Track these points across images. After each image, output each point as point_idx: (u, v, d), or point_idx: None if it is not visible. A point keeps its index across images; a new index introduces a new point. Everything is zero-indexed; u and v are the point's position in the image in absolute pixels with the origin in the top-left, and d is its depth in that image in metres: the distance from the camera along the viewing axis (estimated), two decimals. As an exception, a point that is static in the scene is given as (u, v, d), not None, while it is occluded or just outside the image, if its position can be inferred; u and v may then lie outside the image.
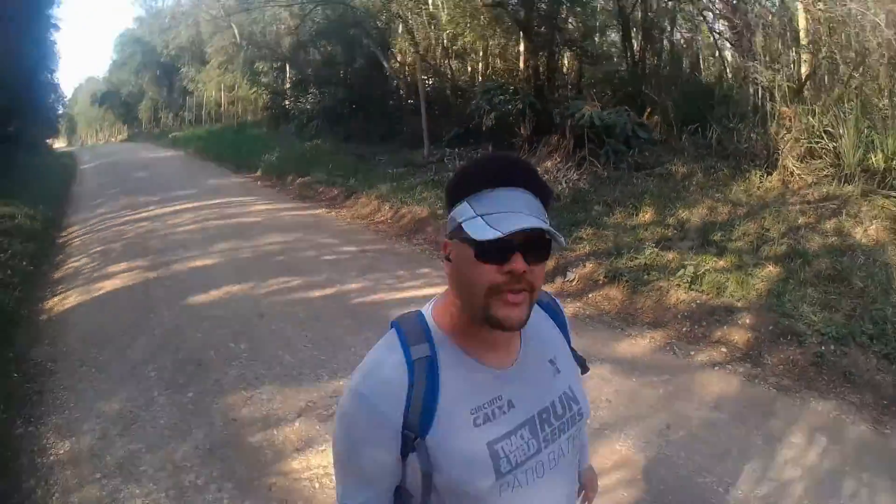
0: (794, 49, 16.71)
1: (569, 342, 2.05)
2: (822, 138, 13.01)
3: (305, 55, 29.91)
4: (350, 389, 1.73)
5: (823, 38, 15.96)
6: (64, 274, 11.90)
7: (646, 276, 10.19)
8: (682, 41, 19.97)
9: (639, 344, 8.08)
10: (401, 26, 24.59)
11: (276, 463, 5.16)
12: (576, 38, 20.27)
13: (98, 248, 13.64)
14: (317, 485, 4.89)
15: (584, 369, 2.07)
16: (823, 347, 8.03)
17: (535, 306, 1.88)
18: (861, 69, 14.90)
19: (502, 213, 1.60)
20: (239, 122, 44.69)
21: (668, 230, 11.85)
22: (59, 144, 61.82)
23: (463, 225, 1.62)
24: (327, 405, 6.04)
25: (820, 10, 15.67)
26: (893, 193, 11.44)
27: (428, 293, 9.11)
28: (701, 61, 19.42)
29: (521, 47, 20.62)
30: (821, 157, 13.14)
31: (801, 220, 10.85)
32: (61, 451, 5.61)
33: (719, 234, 11.25)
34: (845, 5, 15.42)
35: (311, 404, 6.07)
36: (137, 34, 71.70)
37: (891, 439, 6.09)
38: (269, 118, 36.68)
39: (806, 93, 14.54)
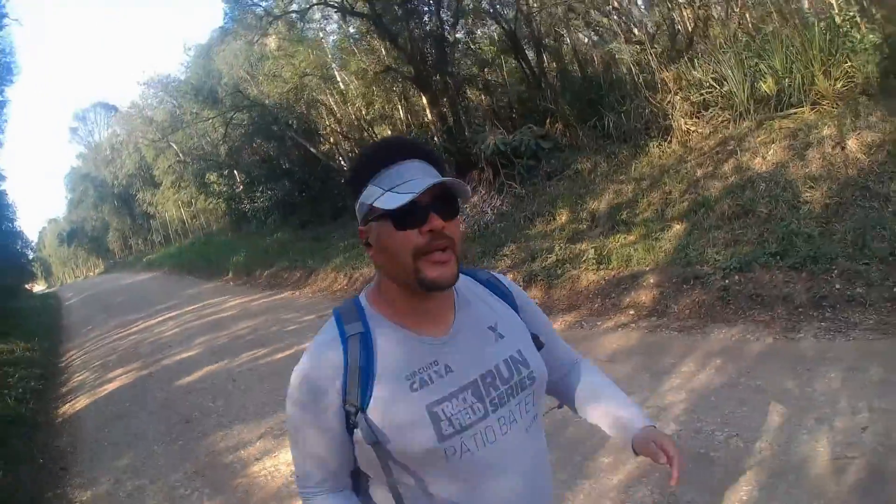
0: (672, 10, 18.04)
1: (517, 312, 2.11)
2: (713, 87, 14.03)
3: (247, 156, 31.26)
4: (294, 372, 1.87)
5: None
6: (70, 387, 13.65)
7: (558, 271, 11.54)
8: (571, 47, 21.30)
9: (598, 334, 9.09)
10: (322, 109, 26.56)
11: (242, 470, 6.89)
12: (471, 75, 21.97)
13: (97, 363, 15.37)
14: (269, 478, 6.56)
15: (538, 345, 2.11)
16: (727, 280, 9.06)
17: (473, 280, 2.10)
18: (729, 4, 16.86)
19: (406, 183, 1.74)
20: (205, 233, 46.52)
21: (582, 224, 13.12)
22: (38, 287, 63.09)
23: (375, 203, 1.75)
24: (279, 426, 7.80)
25: None
26: (790, 112, 12.51)
27: None
28: (593, 60, 20.29)
29: (424, 100, 22.01)
30: (712, 105, 14.14)
31: (699, 172, 11.82)
32: (84, 497, 7.30)
33: (625, 213, 12.47)
34: None
35: (268, 430, 7.84)
36: (84, 171, 73.97)
37: (800, 343, 7.05)
38: (230, 223, 38.38)
39: (694, 49, 15.70)
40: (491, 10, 21.39)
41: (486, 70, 23.07)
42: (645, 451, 2.02)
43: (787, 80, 12.88)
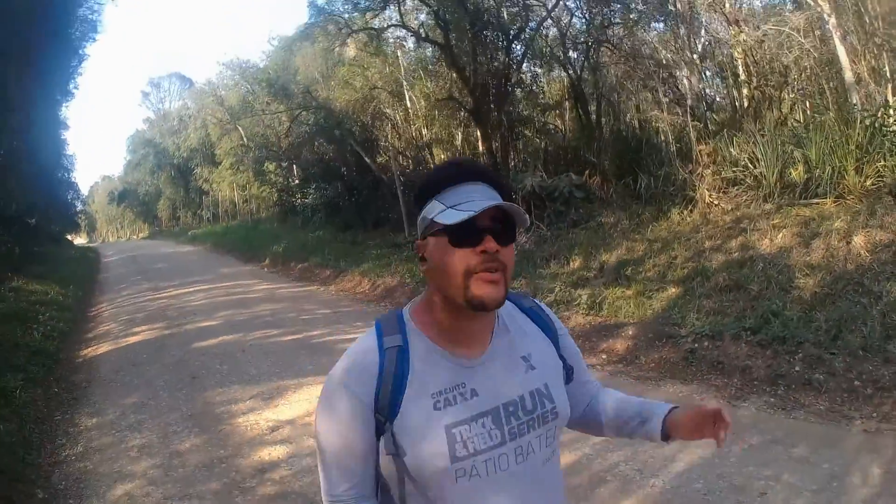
0: (727, 86, 19.16)
1: (557, 348, 2.11)
2: (748, 165, 14.56)
3: (307, 154, 31.98)
4: (329, 377, 1.90)
5: (751, 67, 18.20)
6: (95, 334, 14.99)
7: (553, 309, 12.24)
8: (622, 107, 22.22)
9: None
10: (386, 122, 27.47)
11: (228, 419, 8.04)
12: (526, 117, 22.82)
13: (125, 318, 16.72)
14: (248, 428, 7.69)
15: (568, 379, 2.14)
16: (696, 344, 9.53)
17: (515, 308, 2.10)
18: (783, 90, 17.43)
19: (468, 202, 1.78)
20: (253, 219, 47.37)
21: (590, 272, 13.71)
22: (79, 240, 63.65)
23: (435, 219, 1.81)
24: (270, 391, 9.00)
25: (744, 40, 17.58)
26: (812, 201, 12.93)
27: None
28: (641, 123, 21.15)
29: (478, 132, 22.92)
30: (740, 184, 14.67)
31: (707, 244, 12.27)
32: (89, 423, 8.46)
33: (630, 269, 13.01)
34: (758, 28, 17.97)
35: (259, 393, 8.96)
36: (148, 136, 74.76)
37: (741, 410, 7.47)
38: (278, 213, 39.18)
39: (743, 125, 16.04)
40: (560, 57, 22.30)
41: (546, 113, 23.90)
42: (683, 423, 2.06)
43: (818, 170, 13.36)
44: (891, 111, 13.78)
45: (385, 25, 23.01)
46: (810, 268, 10.53)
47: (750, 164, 14.45)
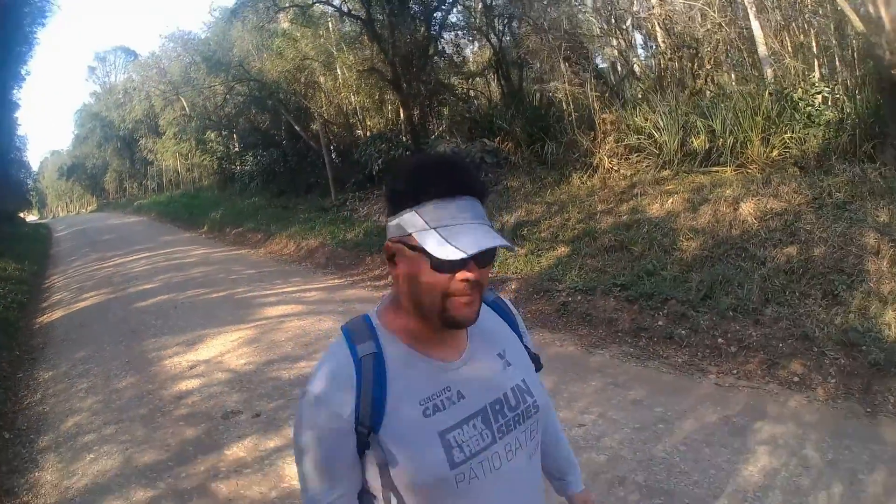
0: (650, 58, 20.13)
1: (521, 338, 2.15)
2: (652, 134, 15.21)
3: (243, 123, 33.28)
4: (303, 392, 1.86)
5: (665, 40, 18.79)
6: (50, 303, 16.81)
7: None
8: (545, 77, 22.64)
9: None
10: (318, 93, 28.65)
11: (158, 362, 9.85)
12: (447, 85, 24.33)
13: (75, 286, 18.59)
14: (173, 367, 9.47)
15: (538, 367, 2.15)
16: (570, 298, 10.35)
17: (484, 308, 2.03)
18: (694, 62, 17.88)
19: (456, 226, 1.71)
20: (195, 187, 48.86)
21: (511, 230, 14.50)
22: (31, 217, 64.06)
23: (415, 236, 1.73)
24: (193, 339, 10.83)
25: (657, 13, 18.32)
26: (712, 169, 13.58)
27: (289, 290, 14.32)
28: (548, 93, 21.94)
29: (399, 103, 24.43)
30: (642, 151, 15.34)
31: (600, 207, 12.93)
32: (46, 376, 10.09)
33: (526, 229, 13.97)
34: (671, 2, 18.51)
35: (184, 340, 10.83)
36: (95, 109, 75.11)
37: (594, 356, 8.27)
38: (219, 181, 40.52)
39: (649, 96, 16.76)
40: (483, 28, 23.58)
41: (470, 81, 25.46)
42: None
43: (721, 140, 13.97)
44: (802, 84, 14.77)
45: (310, 2, 24.23)
46: (695, 232, 11.18)
47: (655, 133, 15.15)
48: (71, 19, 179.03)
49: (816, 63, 16.76)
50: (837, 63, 16.94)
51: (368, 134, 26.09)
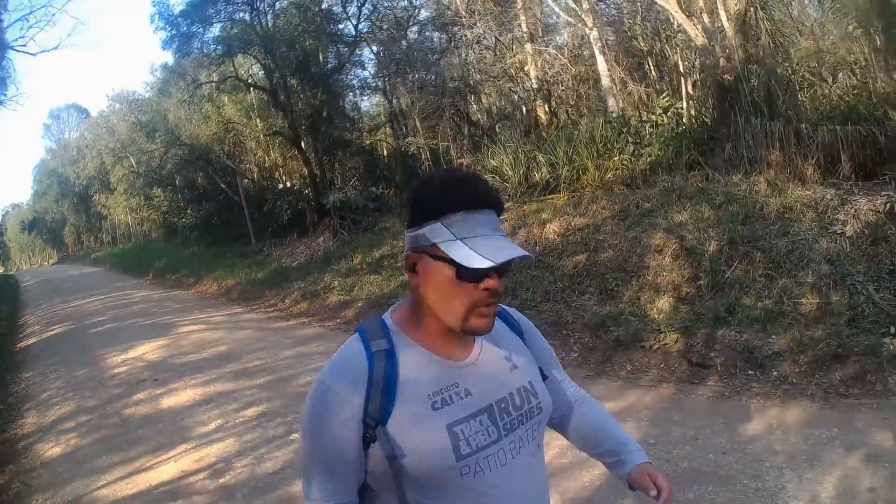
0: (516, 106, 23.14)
1: (525, 345, 2.30)
2: (501, 172, 17.23)
3: (181, 180, 37.08)
4: (316, 383, 1.99)
5: (516, 86, 22.54)
6: (25, 333, 21.69)
7: (322, 293, 17.68)
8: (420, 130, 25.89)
9: (305, 329, 15.40)
10: (243, 151, 32.89)
11: (102, 360, 14.51)
12: (345, 140, 27.90)
13: (44, 321, 23.75)
14: (112, 362, 14.08)
15: (543, 377, 2.27)
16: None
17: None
18: (536, 101, 21.10)
19: (481, 237, 1.87)
20: (145, 239, 52.66)
21: (362, 265, 18.51)
22: None
23: (441, 246, 1.87)
24: (126, 347, 15.34)
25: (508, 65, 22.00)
26: (548, 198, 15.57)
27: (201, 316, 19.07)
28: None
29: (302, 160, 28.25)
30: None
31: None
32: (26, 375, 14.33)
33: (387, 261, 17.52)
34: (516, 54, 22.29)
35: (122, 348, 15.36)
36: (51, 165, 78.89)
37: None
38: (164, 233, 44.53)
39: (494, 137, 19.81)
40: (380, 88, 28.23)
41: (370, 134, 29.53)
42: (639, 484, 2.26)
43: (562, 169, 15.85)
44: (641, 108, 17.41)
45: (223, 78, 28.58)
46: None
47: (505, 171, 17.31)
48: (29, 76, 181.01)
49: (665, 84, 19.65)
50: (682, 82, 19.25)
51: (280, 188, 30.22)
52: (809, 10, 18.31)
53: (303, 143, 27.64)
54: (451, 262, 1.87)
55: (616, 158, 15.48)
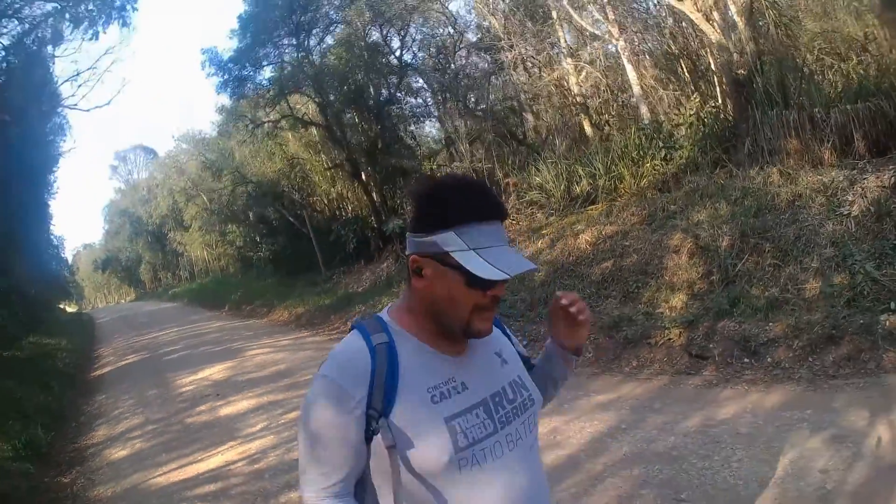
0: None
1: (512, 343, 2.43)
2: (543, 187, 17.88)
3: (252, 216, 37.92)
4: (317, 376, 2.04)
5: (553, 103, 22.73)
6: (100, 364, 23.25)
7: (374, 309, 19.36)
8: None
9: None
10: (308, 184, 33.91)
11: (173, 382, 15.99)
12: (403, 168, 27.79)
13: (119, 353, 25.24)
14: (182, 383, 15.52)
15: (529, 367, 2.42)
16: None
17: None
18: (578, 115, 21.65)
19: (493, 248, 1.95)
20: (223, 273, 53.81)
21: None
22: (70, 308, 67.90)
23: (454, 255, 1.93)
24: (196, 370, 16.72)
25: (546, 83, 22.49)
26: (588, 209, 15.92)
27: (268, 341, 20.12)
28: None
29: (361, 190, 29.74)
30: (534, 204, 18.13)
31: None
32: (100, 398, 15.89)
33: None
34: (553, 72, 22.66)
35: (190, 370, 16.78)
36: (122, 206, 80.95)
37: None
38: (240, 267, 45.80)
39: (540, 153, 20.07)
40: (436, 115, 29.33)
41: (430, 160, 29.09)
42: (559, 331, 2.46)
43: (601, 181, 16.31)
44: (672, 112, 17.53)
45: (280, 117, 29.75)
46: (544, 263, 13.74)
47: (548, 186, 17.90)
48: (92, 119, 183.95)
49: (702, 84, 19.23)
50: (716, 81, 18.57)
51: (346, 217, 31.08)
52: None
53: (363, 174, 28.70)
54: (461, 269, 1.93)
55: (648, 165, 15.88)
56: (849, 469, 5.48)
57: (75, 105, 29.04)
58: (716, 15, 15.30)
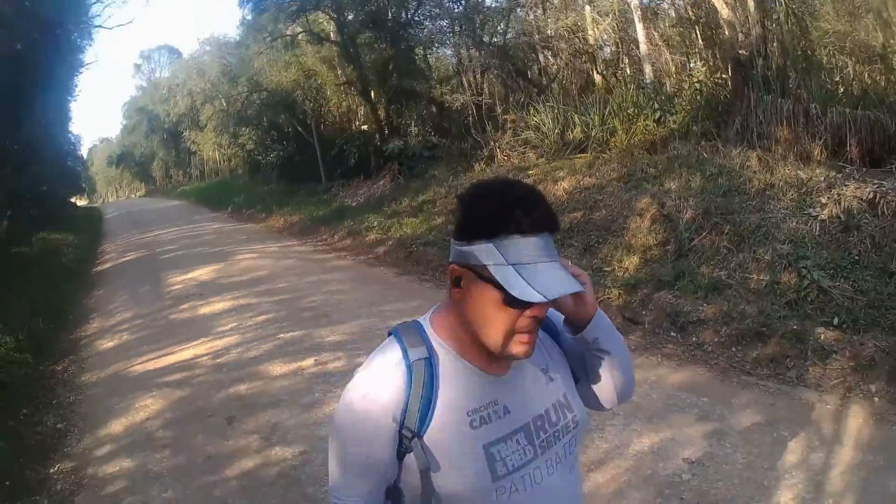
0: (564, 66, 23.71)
1: (560, 345, 2.23)
2: (538, 129, 18.45)
3: (265, 121, 38.10)
4: (350, 388, 1.94)
5: (565, 47, 22.80)
6: (102, 260, 24.55)
7: (364, 231, 19.22)
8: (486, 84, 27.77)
9: (338, 261, 17.14)
10: (321, 98, 33.95)
11: (165, 280, 17.23)
12: (412, 91, 28.13)
13: (121, 249, 26.55)
14: (173, 281, 16.67)
15: (576, 380, 2.23)
16: (417, 248, 15.22)
17: None
18: (588, 62, 22.11)
19: (534, 265, 1.80)
20: (231, 175, 54.66)
21: (406, 209, 19.62)
22: (81, 202, 68.01)
23: (492, 269, 1.80)
24: (188, 270, 17.72)
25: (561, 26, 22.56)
26: (578, 156, 16.46)
27: (258, 247, 21.16)
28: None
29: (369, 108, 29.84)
30: (527, 143, 18.78)
31: None
32: (99, 292, 17.45)
33: (427, 206, 18.64)
34: (567, 17, 22.82)
35: (183, 271, 17.76)
36: (141, 103, 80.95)
37: (412, 283, 13.35)
38: (249, 171, 46.44)
39: (546, 95, 20.21)
40: (451, 43, 29.36)
41: (441, 85, 29.84)
42: (566, 309, 2.08)
43: (594, 130, 16.95)
44: (673, 76, 18.04)
45: (297, 32, 30.72)
46: None
47: (544, 129, 18.46)
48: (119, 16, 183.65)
49: (701, 57, 19.73)
50: (707, 54, 19.59)
51: (354, 132, 31.81)
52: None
53: (372, 93, 28.88)
54: (498, 286, 1.81)
55: (641, 123, 16.18)
56: (712, 466, 5.62)
57: (101, 24, 29.47)
58: (728, -2, 15.37)
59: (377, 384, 1.90)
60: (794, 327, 8.05)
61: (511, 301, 1.78)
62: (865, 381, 7.03)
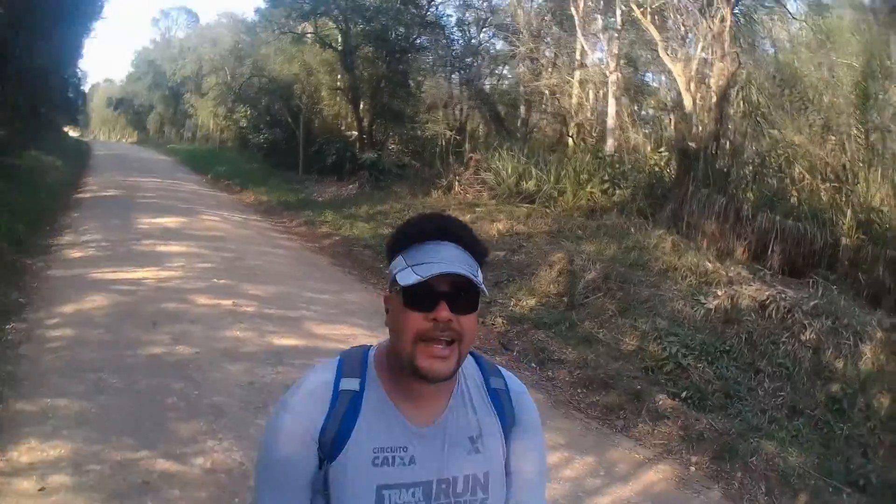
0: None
1: (507, 442, 2.13)
2: (497, 174, 19.54)
3: (261, 104, 39.30)
4: (280, 401, 2.00)
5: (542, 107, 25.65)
6: (82, 190, 26.04)
7: (318, 223, 20.60)
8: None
9: (287, 242, 18.46)
10: (316, 92, 35.89)
11: (135, 221, 18.96)
12: (397, 111, 30.29)
13: (103, 185, 27.83)
14: (140, 223, 18.52)
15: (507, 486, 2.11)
16: (357, 248, 16.56)
17: (482, 382, 2.14)
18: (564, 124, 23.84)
19: (429, 263, 1.84)
20: (221, 145, 56.03)
21: (361, 214, 21.00)
22: (73, 133, 68.86)
23: (396, 276, 1.89)
24: (157, 216, 19.62)
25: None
26: (523, 205, 17.49)
27: (225, 214, 22.97)
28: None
29: (355, 113, 31.77)
30: (485, 184, 19.87)
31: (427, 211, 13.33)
32: (75, 216, 18.99)
33: (379, 216, 20.05)
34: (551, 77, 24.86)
35: (151, 216, 19.54)
36: (151, 56, 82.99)
37: (333, 268, 15.21)
38: (238, 145, 47.70)
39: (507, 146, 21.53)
40: (443, 72, 31.80)
41: (427, 111, 32.08)
42: None
43: (546, 186, 18.04)
44: (627, 153, 18.96)
45: (306, 31, 32.58)
46: None
47: (502, 174, 19.91)
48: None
49: (653, 136, 20.90)
50: (664, 136, 20.65)
51: (336, 136, 33.73)
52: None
53: (361, 104, 30.97)
54: (400, 288, 1.88)
55: (587, 190, 17.45)
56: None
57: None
58: (692, 86, 16.65)
59: (303, 400, 1.98)
60: (639, 387, 8.72)
61: (410, 301, 1.86)
62: (689, 451, 7.52)
